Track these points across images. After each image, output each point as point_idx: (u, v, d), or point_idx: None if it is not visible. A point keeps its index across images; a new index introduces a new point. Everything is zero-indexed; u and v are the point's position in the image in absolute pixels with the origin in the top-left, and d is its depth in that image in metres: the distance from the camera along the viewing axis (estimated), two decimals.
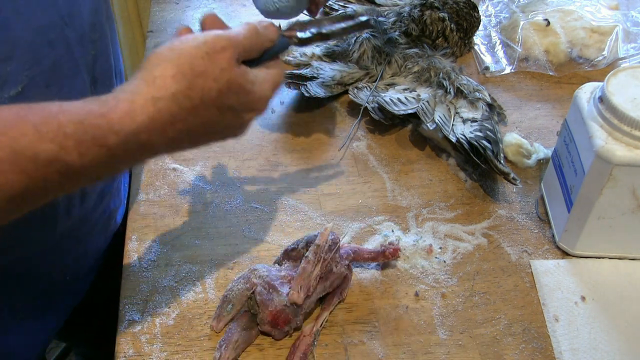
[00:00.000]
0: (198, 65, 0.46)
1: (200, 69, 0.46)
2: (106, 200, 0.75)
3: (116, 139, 0.43)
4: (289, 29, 0.58)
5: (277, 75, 0.53)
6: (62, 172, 0.42)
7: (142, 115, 0.44)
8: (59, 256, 0.70)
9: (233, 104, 0.48)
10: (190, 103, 0.46)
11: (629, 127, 0.62)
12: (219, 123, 0.49)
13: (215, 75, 0.46)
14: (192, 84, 0.45)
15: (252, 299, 0.62)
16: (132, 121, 0.43)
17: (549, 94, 0.94)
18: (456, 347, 0.63)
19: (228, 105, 0.48)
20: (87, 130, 0.42)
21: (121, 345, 0.63)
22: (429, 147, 0.86)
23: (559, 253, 0.72)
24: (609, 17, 1.00)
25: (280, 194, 0.79)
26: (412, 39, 0.97)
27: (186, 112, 0.46)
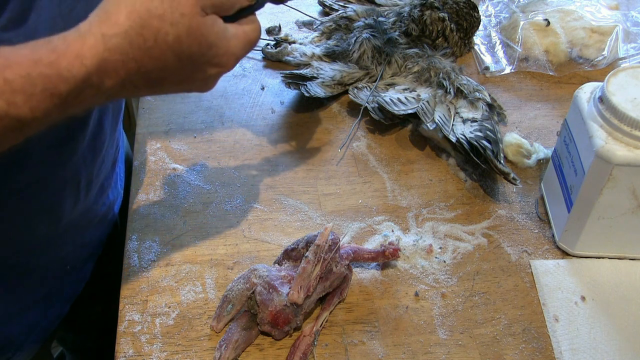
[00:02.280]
0: (156, 7, 0.44)
1: (157, 12, 0.44)
2: (106, 192, 0.75)
3: (67, 87, 0.42)
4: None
5: (251, 31, 0.51)
6: (14, 126, 0.41)
7: (91, 58, 0.42)
8: (60, 247, 0.70)
9: (193, 53, 0.46)
10: (143, 42, 0.44)
11: (629, 127, 0.62)
12: (178, 72, 0.47)
13: (173, 19, 0.44)
14: (146, 24, 0.44)
15: (252, 299, 0.62)
16: (82, 65, 0.42)
17: (549, 94, 0.94)
18: (456, 347, 0.63)
19: (188, 54, 0.46)
20: (35, 82, 0.41)
21: (121, 345, 0.63)
22: (429, 147, 0.86)
23: (559, 253, 0.72)
24: (609, 17, 1.00)
25: (280, 194, 0.79)
26: (412, 39, 0.97)
27: (139, 51, 0.44)
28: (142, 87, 0.47)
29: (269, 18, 1.07)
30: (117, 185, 0.80)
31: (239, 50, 0.50)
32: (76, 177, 0.65)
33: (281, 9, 1.07)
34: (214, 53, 0.48)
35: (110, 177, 0.76)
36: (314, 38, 1.01)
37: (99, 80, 0.43)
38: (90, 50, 0.42)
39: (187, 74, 0.48)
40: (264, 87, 0.95)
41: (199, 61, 0.47)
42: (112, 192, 0.78)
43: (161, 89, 0.49)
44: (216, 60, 0.48)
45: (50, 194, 0.63)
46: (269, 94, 0.94)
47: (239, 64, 0.98)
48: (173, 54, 0.45)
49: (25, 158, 0.48)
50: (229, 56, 0.49)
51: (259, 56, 1.00)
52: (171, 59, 0.46)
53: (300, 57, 0.97)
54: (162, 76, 0.47)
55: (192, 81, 0.49)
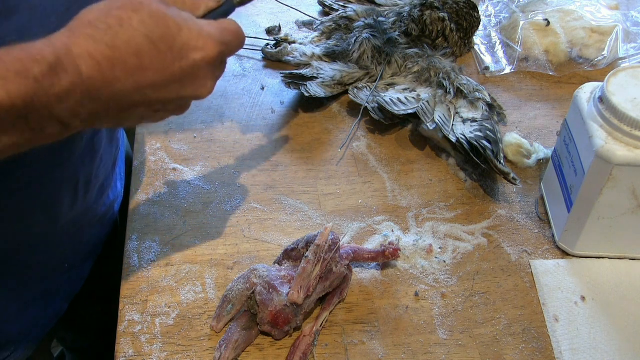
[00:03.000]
0: (115, 2, 0.46)
1: (117, 5, 0.45)
2: (106, 192, 0.75)
3: (40, 68, 0.41)
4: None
5: (227, 22, 0.51)
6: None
7: (60, 42, 0.43)
8: (59, 246, 0.70)
9: (164, 34, 0.46)
10: (108, 27, 0.44)
11: (629, 127, 0.62)
12: (157, 58, 0.46)
13: (134, 7, 0.45)
14: (108, 13, 0.45)
15: (252, 299, 0.62)
16: (52, 47, 0.42)
17: (549, 94, 0.94)
18: (456, 347, 0.63)
19: (159, 36, 0.46)
20: (8, 66, 0.41)
21: (121, 345, 0.63)
22: (429, 147, 0.86)
23: (559, 253, 0.72)
24: (609, 17, 1.00)
25: (280, 194, 0.79)
26: (412, 39, 0.97)
27: (106, 34, 0.44)
28: (125, 79, 0.45)
29: (269, 18, 1.07)
30: (117, 185, 0.80)
31: (216, 33, 0.49)
32: (74, 176, 0.65)
33: (281, 9, 1.08)
34: (187, 35, 0.47)
35: (110, 176, 0.76)
36: (314, 38, 1.01)
37: (72, 64, 0.43)
38: (58, 37, 0.44)
39: (167, 59, 0.47)
40: (264, 87, 0.95)
41: (174, 44, 0.47)
42: (112, 192, 0.78)
43: (146, 80, 0.47)
44: (193, 42, 0.47)
45: (47, 193, 0.63)
46: (269, 94, 0.94)
47: (239, 64, 0.98)
48: (143, 36, 0.45)
49: (22, 157, 0.48)
50: (205, 37, 0.48)
51: (259, 56, 1.00)
52: (142, 41, 0.45)
53: (300, 57, 0.97)
54: (140, 62, 0.46)
55: (180, 72, 0.48)
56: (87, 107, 0.45)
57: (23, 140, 0.44)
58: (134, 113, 0.48)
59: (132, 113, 0.48)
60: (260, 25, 1.05)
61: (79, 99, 0.44)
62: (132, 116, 0.49)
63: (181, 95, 0.49)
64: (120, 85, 0.45)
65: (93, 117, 0.46)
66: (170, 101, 0.49)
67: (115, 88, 0.45)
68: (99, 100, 0.45)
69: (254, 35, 1.03)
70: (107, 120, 0.48)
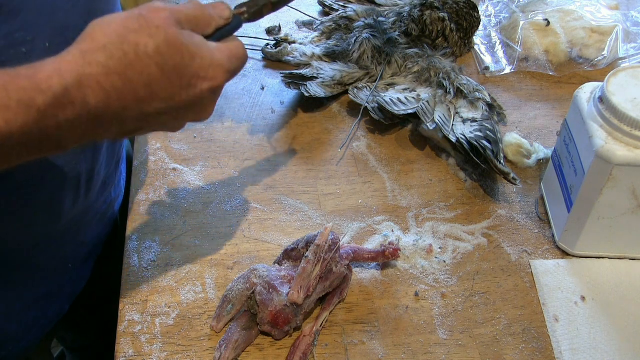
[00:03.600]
0: (131, 24, 0.44)
1: (134, 27, 0.44)
2: (108, 190, 0.75)
3: (44, 99, 0.41)
4: (237, 7, 0.57)
5: (235, 47, 0.51)
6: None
7: (70, 72, 0.42)
8: (61, 245, 0.70)
9: (177, 64, 0.46)
10: (123, 55, 0.44)
11: (629, 127, 0.62)
12: (166, 87, 0.46)
13: (150, 31, 0.45)
14: (124, 38, 0.44)
15: (252, 299, 0.62)
16: (60, 77, 0.41)
17: (549, 94, 0.94)
18: (456, 347, 0.63)
19: (172, 65, 0.46)
20: (11, 95, 0.40)
21: (121, 345, 0.63)
22: (429, 147, 0.86)
23: (559, 253, 0.72)
24: (609, 17, 1.00)
25: (280, 194, 0.79)
26: (412, 39, 0.97)
27: (120, 64, 0.43)
28: (132, 107, 0.46)
29: (269, 18, 1.07)
30: (120, 183, 0.80)
31: (226, 62, 0.49)
32: (76, 174, 0.65)
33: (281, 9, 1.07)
34: (199, 64, 0.47)
35: (114, 174, 0.76)
36: (314, 38, 1.01)
37: (80, 96, 0.42)
38: (68, 64, 0.42)
39: (175, 89, 0.47)
40: (264, 87, 0.95)
41: (185, 73, 0.47)
42: (114, 190, 0.78)
43: (152, 108, 0.47)
44: (203, 73, 0.48)
45: (49, 191, 0.63)
46: (269, 94, 0.94)
47: None
48: (156, 66, 0.45)
49: None
50: (215, 67, 0.48)
51: (259, 56, 1.00)
52: (155, 72, 0.45)
53: (300, 57, 0.97)
54: (150, 93, 0.46)
55: (186, 100, 0.48)
56: (88, 131, 0.45)
57: (20, 160, 0.44)
58: (133, 132, 0.49)
59: (131, 132, 0.49)
60: (260, 25, 1.05)
61: (82, 127, 0.44)
62: (130, 134, 0.49)
63: (182, 119, 0.50)
64: (126, 112, 0.46)
65: (91, 136, 0.46)
66: (170, 123, 0.50)
67: (120, 115, 0.45)
68: (100, 125, 0.45)
69: (254, 35, 1.03)
70: (105, 137, 0.48)
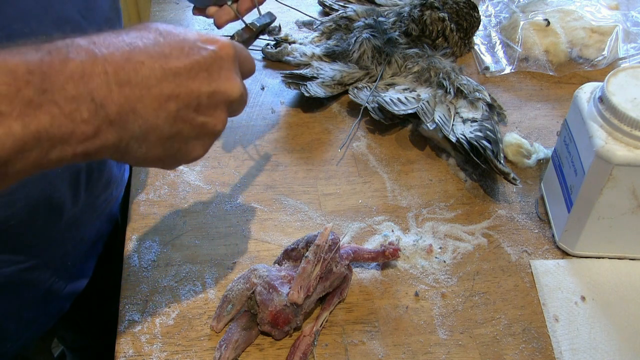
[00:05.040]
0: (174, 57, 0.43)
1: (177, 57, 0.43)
2: (111, 188, 0.75)
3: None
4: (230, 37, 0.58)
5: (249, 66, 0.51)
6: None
7: (106, 108, 0.39)
8: (62, 243, 0.70)
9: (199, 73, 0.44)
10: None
11: (629, 127, 0.62)
12: (188, 84, 0.44)
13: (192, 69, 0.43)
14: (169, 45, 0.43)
15: (252, 299, 0.62)
16: (95, 118, 0.39)
17: (549, 94, 0.94)
18: (456, 347, 0.63)
19: (198, 67, 0.44)
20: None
21: (121, 345, 0.63)
22: (429, 147, 0.86)
23: (559, 253, 0.72)
24: (609, 17, 1.00)
25: (280, 194, 0.79)
26: (412, 39, 0.97)
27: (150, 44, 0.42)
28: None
29: None
30: (121, 181, 0.80)
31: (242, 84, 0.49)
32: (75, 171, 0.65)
33: (281, 9, 1.07)
34: (216, 87, 0.46)
35: (117, 173, 0.76)
36: (314, 38, 1.01)
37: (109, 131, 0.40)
38: (101, 92, 0.40)
39: (198, 91, 0.45)
40: (264, 87, 0.95)
41: (205, 88, 0.45)
42: (116, 189, 0.78)
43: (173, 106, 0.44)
44: (220, 96, 0.46)
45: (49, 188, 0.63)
46: (269, 94, 0.94)
47: None
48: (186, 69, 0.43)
49: None
50: (233, 83, 0.47)
51: (259, 56, 1.00)
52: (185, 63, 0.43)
53: (300, 57, 0.97)
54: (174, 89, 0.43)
55: (204, 109, 0.45)
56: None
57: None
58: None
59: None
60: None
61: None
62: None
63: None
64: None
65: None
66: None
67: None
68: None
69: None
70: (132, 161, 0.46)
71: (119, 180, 0.78)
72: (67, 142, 0.37)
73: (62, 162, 0.38)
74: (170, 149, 0.45)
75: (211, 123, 0.46)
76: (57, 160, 0.38)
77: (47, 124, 0.36)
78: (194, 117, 0.45)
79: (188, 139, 0.46)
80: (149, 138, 0.43)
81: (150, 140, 0.43)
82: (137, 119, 0.41)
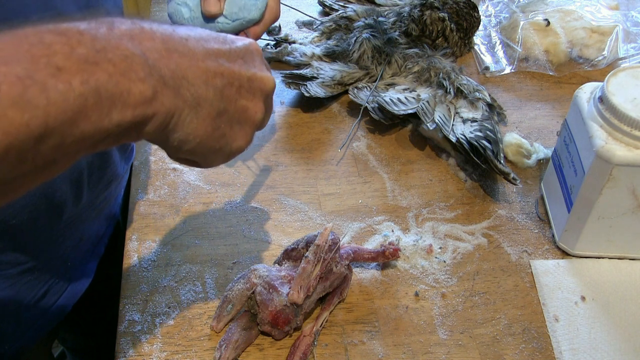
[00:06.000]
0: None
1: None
2: (112, 186, 0.75)
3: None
4: None
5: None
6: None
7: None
8: (61, 242, 0.70)
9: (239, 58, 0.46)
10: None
11: (629, 127, 0.62)
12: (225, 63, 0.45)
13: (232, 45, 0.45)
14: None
15: (252, 299, 0.62)
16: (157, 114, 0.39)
17: (549, 94, 0.94)
18: (456, 347, 0.63)
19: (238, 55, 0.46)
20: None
21: (121, 345, 0.63)
22: (429, 147, 0.86)
23: (559, 253, 0.72)
24: (609, 17, 1.00)
25: (280, 194, 0.79)
26: (412, 39, 0.97)
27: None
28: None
29: None
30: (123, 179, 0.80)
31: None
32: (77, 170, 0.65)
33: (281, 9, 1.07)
34: (253, 74, 0.48)
35: (120, 172, 0.76)
36: (314, 38, 1.01)
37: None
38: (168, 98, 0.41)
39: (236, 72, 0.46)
40: None
41: (245, 71, 0.47)
42: (115, 188, 0.78)
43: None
44: (255, 83, 0.47)
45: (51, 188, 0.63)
46: None
47: None
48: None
49: None
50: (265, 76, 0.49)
51: None
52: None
53: (300, 57, 0.97)
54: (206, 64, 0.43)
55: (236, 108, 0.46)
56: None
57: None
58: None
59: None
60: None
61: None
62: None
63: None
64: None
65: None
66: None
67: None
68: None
69: None
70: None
71: (121, 179, 0.78)
72: (126, 102, 0.37)
73: (121, 127, 0.37)
74: (217, 131, 0.45)
75: (252, 109, 0.47)
76: (117, 124, 0.37)
77: (105, 81, 0.35)
78: (237, 98, 0.45)
79: (232, 122, 0.46)
80: (200, 110, 0.43)
81: (201, 114, 0.43)
82: (189, 87, 0.41)
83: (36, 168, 0.35)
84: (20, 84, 0.32)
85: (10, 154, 0.33)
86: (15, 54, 0.33)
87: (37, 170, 0.36)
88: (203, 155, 0.46)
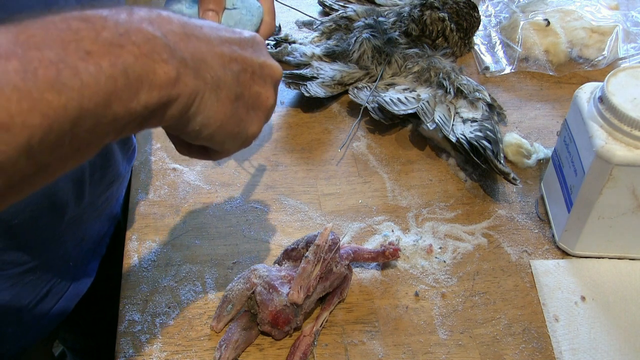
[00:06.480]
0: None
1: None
2: (114, 186, 0.75)
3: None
4: None
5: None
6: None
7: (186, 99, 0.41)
8: (63, 242, 0.70)
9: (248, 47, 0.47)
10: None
11: (629, 127, 0.62)
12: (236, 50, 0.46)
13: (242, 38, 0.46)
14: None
15: (252, 299, 0.62)
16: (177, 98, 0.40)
17: (549, 94, 0.94)
18: (456, 347, 0.63)
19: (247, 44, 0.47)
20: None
21: (121, 345, 0.63)
22: (429, 147, 0.86)
23: (559, 253, 0.72)
24: (609, 17, 1.00)
25: (280, 194, 0.79)
26: (412, 39, 0.97)
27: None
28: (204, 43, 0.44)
29: None
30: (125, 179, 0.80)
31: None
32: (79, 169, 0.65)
33: (281, 9, 1.07)
34: (264, 62, 0.48)
35: (121, 172, 0.76)
36: (314, 38, 1.01)
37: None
38: (190, 85, 0.41)
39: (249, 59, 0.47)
40: None
41: (254, 63, 0.47)
42: (117, 189, 0.78)
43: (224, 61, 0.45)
44: (266, 70, 0.48)
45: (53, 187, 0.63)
46: None
47: None
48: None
49: None
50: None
51: None
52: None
53: (300, 57, 0.97)
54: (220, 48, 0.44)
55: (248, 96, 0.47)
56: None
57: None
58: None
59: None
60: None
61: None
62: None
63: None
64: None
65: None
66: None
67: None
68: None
69: None
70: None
71: (122, 179, 0.78)
72: (152, 83, 0.38)
73: (147, 109, 0.38)
74: (236, 115, 0.46)
75: (264, 95, 0.48)
76: (144, 105, 0.38)
77: (132, 62, 0.36)
78: (251, 84, 0.47)
79: (248, 107, 0.47)
80: (220, 93, 0.44)
81: (221, 96, 0.44)
82: (208, 69, 0.42)
83: (72, 151, 0.36)
84: (54, 67, 0.33)
85: (49, 137, 0.33)
86: (46, 40, 0.34)
87: (72, 154, 0.36)
88: (221, 141, 0.47)
